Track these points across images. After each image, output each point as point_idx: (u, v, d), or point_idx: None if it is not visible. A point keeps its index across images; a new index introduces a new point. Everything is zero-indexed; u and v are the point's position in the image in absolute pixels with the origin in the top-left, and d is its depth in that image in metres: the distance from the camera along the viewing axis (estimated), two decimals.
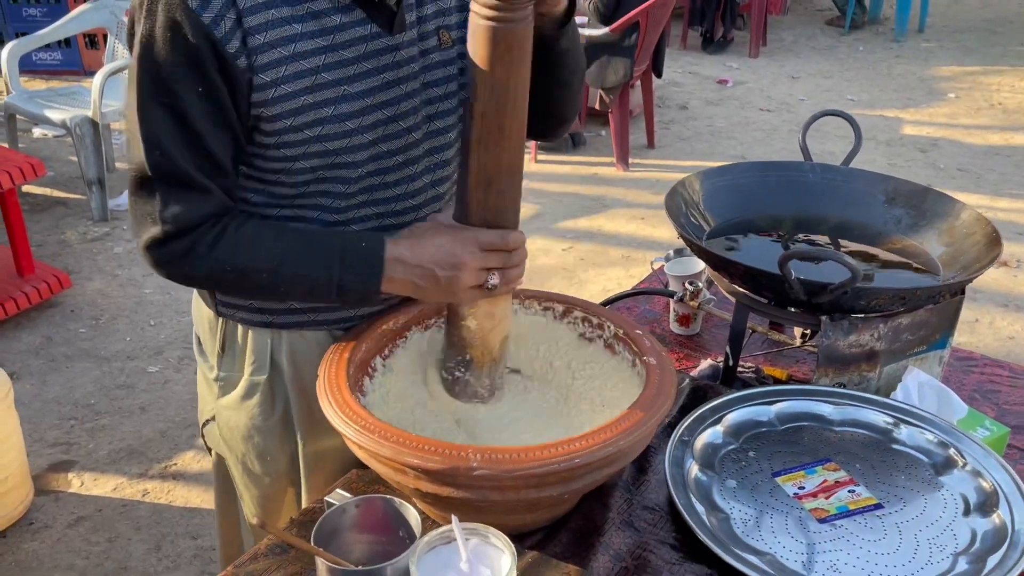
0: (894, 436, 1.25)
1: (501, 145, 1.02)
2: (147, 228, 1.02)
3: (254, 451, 1.23)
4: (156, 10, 0.94)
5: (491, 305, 1.11)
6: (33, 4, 5.87)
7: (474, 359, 1.14)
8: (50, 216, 4.00)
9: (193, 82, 0.96)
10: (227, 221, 1.04)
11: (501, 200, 1.06)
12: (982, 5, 8.19)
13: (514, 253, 1.07)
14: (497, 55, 0.96)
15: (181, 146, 0.98)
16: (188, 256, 1.02)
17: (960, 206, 1.49)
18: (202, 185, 1.00)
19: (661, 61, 4.71)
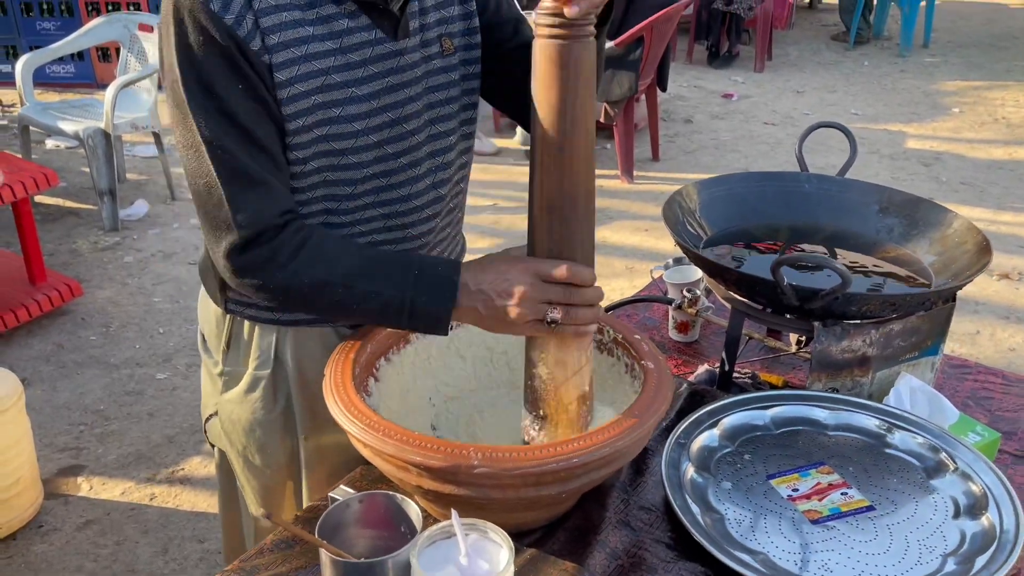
0: (887, 440, 1.27)
1: (563, 169, 0.99)
2: (224, 236, 1.03)
3: (255, 444, 1.27)
4: (183, 20, 0.98)
5: (561, 351, 1.05)
6: (47, 17, 5.96)
7: (548, 417, 1.08)
8: (62, 226, 4.05)
9: (232, 80, 0.99)
10: (307, 233, 1.05)
11: (566, 229, 1.02)
12: (987, 21, 8.23)
13: (582, 290, 1.02)
14: (565, 74, 0.95)
15: (236, 143, 1.00)
16: (269, 264, 1.03)
17: (952, 215, 1.52)
18: (263, 180, 1.02)
19: (666, 75, 4.76)
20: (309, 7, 1.03)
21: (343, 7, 1.05)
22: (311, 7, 1.03)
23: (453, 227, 1.30)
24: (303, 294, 1.06)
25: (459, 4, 1.20)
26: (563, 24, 0.93)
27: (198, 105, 1.00)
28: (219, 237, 1.04)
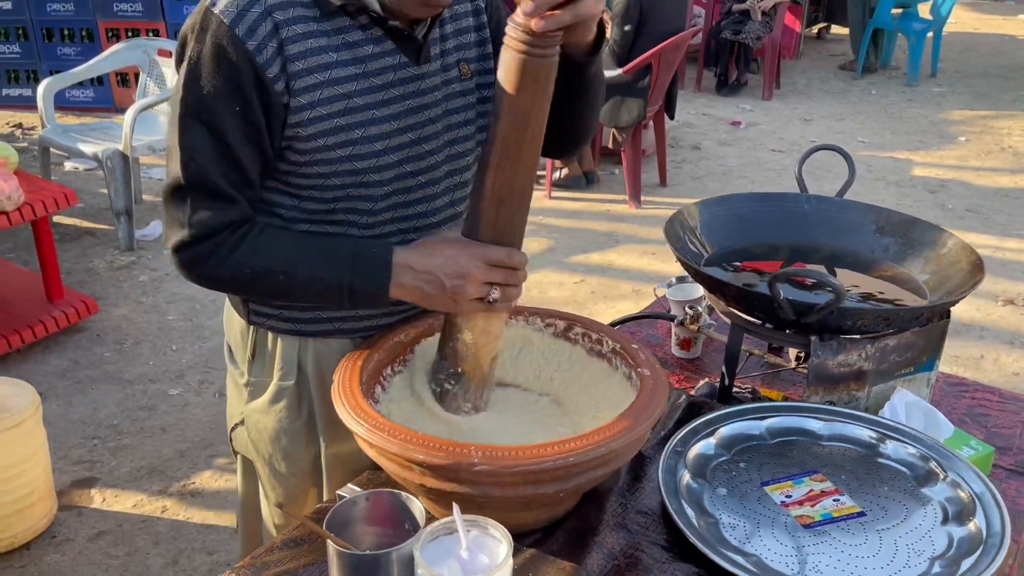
0: (879, 450, 1.31)
1: (516, 169, 1.09)
2: (176, 232, 1.11)
3: (280, 452, 1.31)
4: (206, 36, 1.05)
5: (487, 321, 1.17)
6: (67, 43, 6.10)
7: (465, 373, 1.19)
8: (79, 245, 4.13)
9: (232, 102, 1.06)
10: (247, 228, 1.13)
11: (510, 220, 1.13)
12: (995, 52, 8.30)
13: (516, 272, 1.14)
14: (524, 85, 1.03)
15: (215, 159, 1.08)
16: (211, 258, 1.11)
17: (946, 235, 1.56)
18: (229, 196, 1.10)
19: (673, 103, 4.83)
20: (336, 33, 1.09)
21: (369, 33, 1.11)
22: (337, 33, 1.10)
23: None
24: (246, 283, 1.15)
25: (475, 31, 1.26)
26: (530, 41, 1.00)
27: (192, 114, 1.07)
28: (171, 233, 1.12)
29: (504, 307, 1.16)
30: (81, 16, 6.00)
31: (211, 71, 1.05)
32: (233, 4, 1.06)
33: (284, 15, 1.07)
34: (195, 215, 1.10)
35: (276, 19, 1.06)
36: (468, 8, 1.24)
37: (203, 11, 1.07)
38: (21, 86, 6.22)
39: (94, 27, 6.01)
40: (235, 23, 1.05)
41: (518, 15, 1.01)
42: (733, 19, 6.72)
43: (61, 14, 6.01)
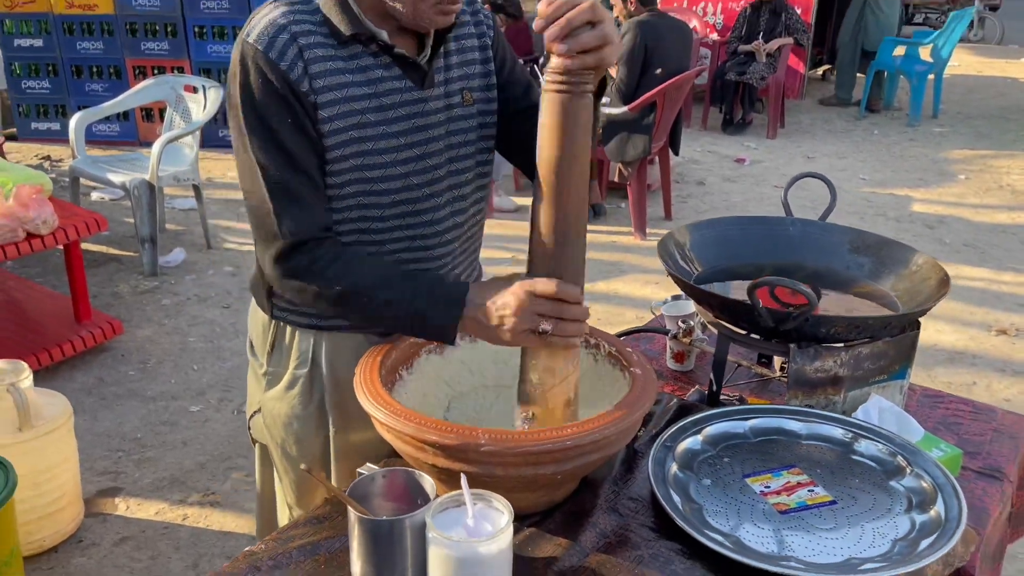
0: (853, 448, 1.42)
1: (563, 205, 1.16)
2: (272, 244, 1.24)
3: (292, 437, 1.44)
4: (247, 65, 1.21)
5: (551, 360, 1.21)
6: (96, 80, 6.34)
7: (536, 417, 1.24)
8: (105, 271, 4.30)
9: (284, 115, 1.21)
10: (342, 247, 1.26)
11: (562, 255, 1.18)
12: (998, 94, 8.47)
13: (570, 306, 1.17)
14: (566, 121, 1.13)
15: (287, 169, 1.22)
16: (308, 270, 1.24)
17: (917, 254, 1.68)
18: (308, 200, 1.24)
19: (678, 139, 5.00)
20: (351, 59, 1.25)
21: (379, 60, 1.27)
22: (352, 59, 1.25)
23: (471, 253, 1.49)
24: (334, 298, 1.25)
25: (480, 64, 1.41)
26: (565, 80, 1.13)
27: (255, 135, 1.22)
28: (268, 245, 1.25)
29: (561, 342, 1.18)
30: (110, 54, 6.25)
31: (261, 92, 1.21)
32: (264, 33, 1.22)
33: (307, 41, 1.23)
34: (284, 224, 1.23)
35: (300, 44, 1.22)
36: (475, 44, 1.39)
37: (240, 43, 1.24)
38: (50, 120, 6.46)
39: (122, 64, 6.25)
40: (268, 48, 1.21)
41: (552, 62, 1.13)
42: (737, 60, 6.92)
43: (91, 52, 6.26)
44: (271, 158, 1.22)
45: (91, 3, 6.12)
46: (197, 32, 6.11)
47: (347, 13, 1.24)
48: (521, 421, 1.27)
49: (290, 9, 1.24)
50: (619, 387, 1.35)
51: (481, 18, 1.41)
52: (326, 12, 1.24)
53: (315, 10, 1.25)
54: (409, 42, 1.31)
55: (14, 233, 3.05)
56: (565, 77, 1.12)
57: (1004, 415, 1.71)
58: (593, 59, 1.11)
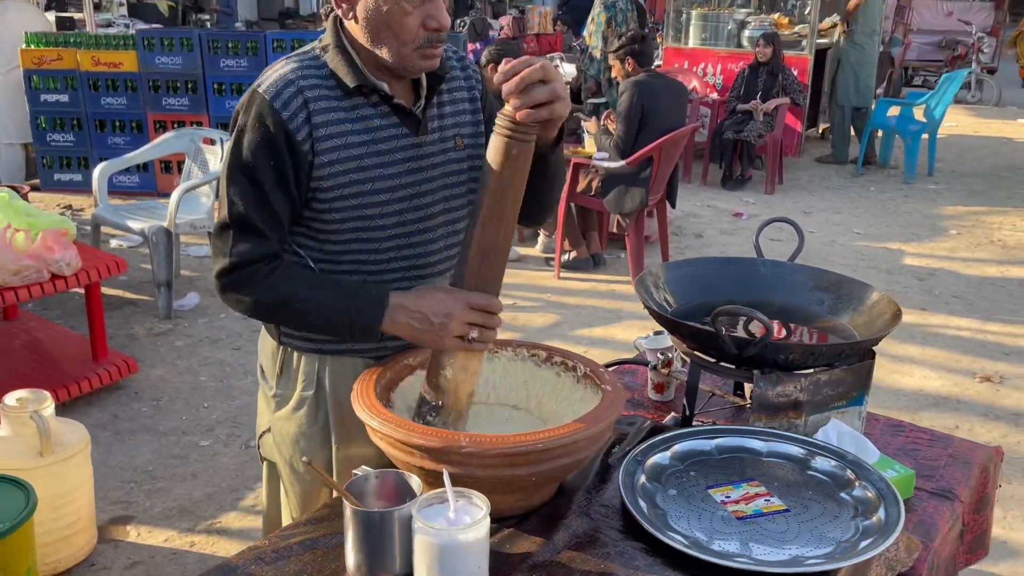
0: (809, 464, 1.55)
1: (498, 229, 1.35)
2: (220, 261, 1.42)
3: (299, 454, 1.58)
4: (252, 108, 1.39)
5: (467, 359, 1.39)
6: (118, 133, 6.61)
7: (444, 406, 1.41)
8: (121, 313, 4.47)
9: (268, 158, 1.38)
10: (277, 263, 1.43)
11: (491, 271, 1.38)
12: (992, 153, 8.68)
13: (494, 317, 1.37)
14: (507, 162, 1.31)
15: (253, 202, 1.39)
16: (247, 284, 1.41)
17: (872, 290, 1.83)
18: (263, 232, 1.41)
19: (675, 193, 5.19)
20: (352, 109, 1.43)
21: (378, 109, 1.44)
22: (353, 109, 1.43)
23: None
24: (271, 305, 1.43)
25: (470, 114, 1.58)
26: (514, 128, 1.31)
27: (239, 169, 1.40)
28: (217, 260, 1.43)
29: (481, 347, 1.39)
30: (132, 109, 6.52)
31: (253, 134, 1.39)
32: (274, 84, 1.40)
33: (313, 93, 1.41)
34: (236, 247, 1.40)
35: (306, 96, 1.40)
36: (465, 96, 1.57)
37: (252, 90, 1.42)
38: (72, 171, 6.71)
39: (143, 119, 6.52)
40: (274, 98, 1.39)
41: (507, 108, 1.31)
42: (736, 119, 7.15)
43: (114, 107, 6.54)
44: (245, 192, 1.40)
45: (117, 61, 6.42)
46: (216, 88, 6.39)
47: (352, 67, 1.42)
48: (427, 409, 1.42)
49: (300, 65, 1.42)
50: (591, 402, 1.49)
51: (471, 73, 1.59)
52: (333, 67, 1.43)
53: (322, 65, 1.43)
54: (407, 93, 1.48)
55: (39, 274, 3.23)
56: (514, 126, 1.31)
57: (960, 443, 1.83)
58: (546, 112, 1.28)
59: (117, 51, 6.45)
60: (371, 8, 1.38)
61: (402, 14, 1.37)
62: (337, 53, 1.44)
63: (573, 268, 5.16)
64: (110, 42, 6.58)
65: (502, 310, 1.40)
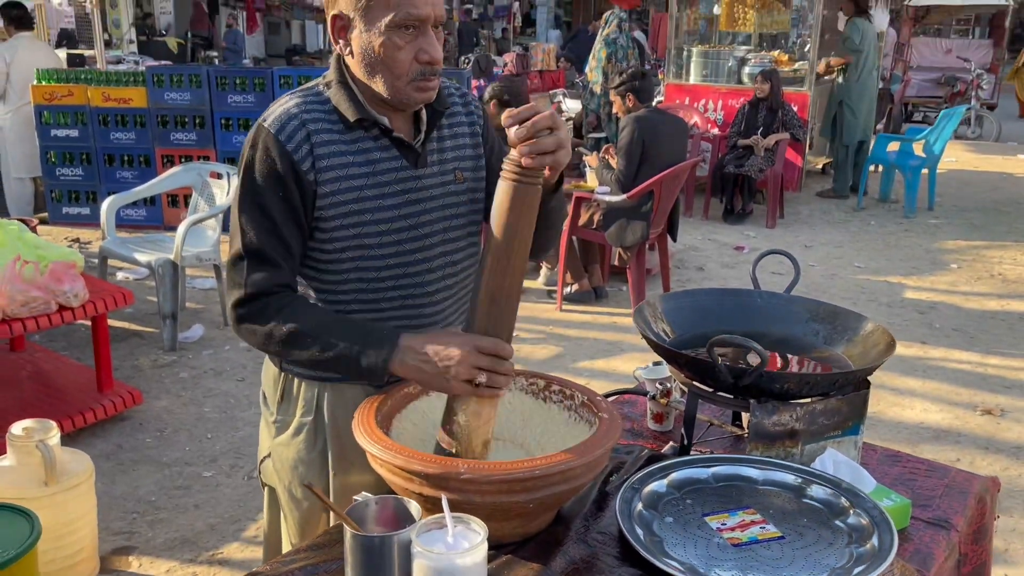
0: (805, 492, 1.56)
1: (506, 273, 1.35)
2: (235, 291, 1.45)
3: (298, 479, 1.60)
4: (258, 144, 1.44)
5: (479, 405, 1.38)
6: (126, 167, 6.70)
7: (458, 454, 1.39)
8: (127, 345, 4.51)
9: (276, 189, 1.43)
10: (290, 296, 1.46)
11: (501, 316, 1.38)
12: (992, 188, 8.73)
13: (503, 361, 1.35)
14: (514, 206, 1.33)
15: (265, 233, 1.43)
16: (261, 314, 1.44)
17: (866, 321, 1.86)
18: (276, 262, 1.44)
19: (676, 226, 5.24)
20: (353, 142, 1.47)
21: (379, 143, 1.49)
22: (354, 143, 1.47)
23: (461, 314, 1.68)
24: (281, 339, 1.44)
25: (471, 148, 1.63)
26: (520, 173, 1.34)
27: (247, 200, 1.45)
28: (232, 292, 1.46)
29: (492, 392, 1.36)
30: (141, 144, 6.62)
31: (261, 167, 1.43)
32: (278, 119, 1.45)
33: (315, 127, 1.46)
34: (250, 277, 1.44)
35: (309, 129, 1.45)
36: (466, 131, 1.61)
37: (258, 125, 1.47)
38: (80, 205, 6.80)
39: (151, 153, 6.62)
40: (279, 132, 1.44)
41: (513, 154, 1.34)
42: (736, 154, 7.23)
43: (123, 142, 6.64)
44: (256, 223, 1.44)
45: (126, 97, 6.53)
46: (224, 124, 6.49)
47: (353, 102, 1.47)
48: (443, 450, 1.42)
49: (303, 100, 1.47)
50: (588, 430, 1.51)
51: (472, 108, 1.63)
52: (335, 102, 1.47)
53: (326, 100, 1.48)
54: (407, 127, 1.53)
55: (47, 305, 3.27)
56: (521, 170, 1.34)
57: (956, 473, 1.84)
58: (550, 159, 1.32)
59: (127, 87, 6.56)
60: (365, 44, 1.43)
61: (394, 48, 1.41)
62: (340, 88, 1.49)
63: (575, 301, 5.20)
64: (120, 78, 6.70)
65: (512, 355, 1.37)
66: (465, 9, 19.97)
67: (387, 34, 1.41)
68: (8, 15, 6.64)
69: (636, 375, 2.26)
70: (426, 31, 1.42)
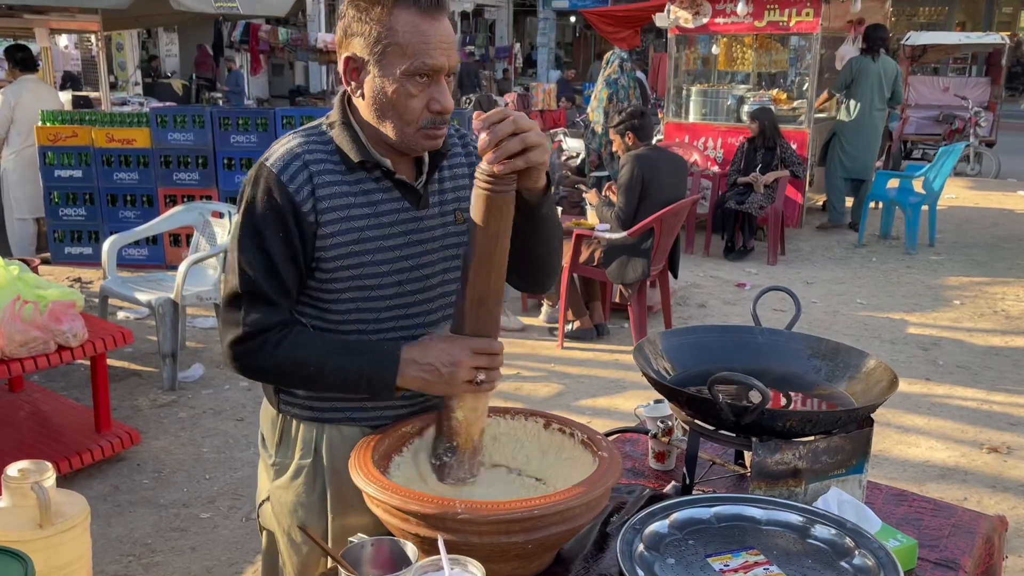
0: (809, 532, 1.54)
1: (489, 276, 1.41)
2: (232, 331, 1.44)
3: (297, 523, 1.57)
4: (259, 182, 1.44)
5: (475, 400, 1.45)
6: (129, 207, 6.73)
7: (459, 446, 1.46)
8: (126, 385, 4.49)
9: (276, 229, 1.42)
10: (288, 329, 1.45)
11: (488, 317, 1.44)
12: (993, 224, 8.74)
13: (497, 357, 1.43)
14: (490, 213, 1.38)
15: (263, 272, 1.42)
16: (260, 351, 1.43)
17: (869, 357, 1.84)
18: (274, 301, 1.44)
19: (676, 263, 5.24)
20: (355, 183, 1.47)
21: (381, 184, 1.49)
22: (356, 183, 1.47)
23: None
24: (286, 371, 1.44)
25: (470, 188, 1.62)
26: (492, 181, 1.36)
27: (246, 238, 1.44)
28: (228, 331, 1.45)
29: (489, 387, 1.45)
30: (144, 184, 6.66)
31: (263, 206, 1.43)
32: (280, 158, 1.45)
33: (317, 168, 1.46)
34: (248, 316, 1.43)
35: (311, 170, 1.45)
36: (466, 171, 1.61)
37: (259, 164, 1.47)
38: (82, 245, 6.82)
39: (154, 193, 6.66)
40: (281, 172, 1.43)
41: (484, 163, 1.36)
42: (736, 191, 7.26)
43: (126, 182, 6.68)
44: (255, 261, 1.43)
45: (130, 138, 6.58)
46: (226, 163, 6.53)
47: (356, 143, 1.47)
48: (443, 451, 1.47)
49: (306, 140, 1.47)
50: (588, 468, 1.49)
51: (471, 148, 1.64)
52: (338, 143, 1.48)
53: (328, 141, 1.48)
54: (409, 169, 1.53)
55: (46, 345, 3.26)
56: (491, 179, 1.37)
57: (963, 512, 1.81)
58: (521, 161, 1.33)
59: (131, 128, 6.62)
60: (378, 88, 1.43)
61: (407, 96, 1.42)
62: (343, 129, 1.49)
63: (577, 338, 5.18)
64: (124, 119, 6.76)
65: (503, 350, 1.45)
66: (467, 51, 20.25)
67: (401, 81, 1.41)
68: (13, 57, 6.73)
69: (637, 413, 2.24)
70: (439, 80, 1.43)
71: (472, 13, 24.47)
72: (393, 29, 1.39)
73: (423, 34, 1.40)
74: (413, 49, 1.40)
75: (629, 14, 12.04)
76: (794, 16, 7.83)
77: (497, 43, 24.97)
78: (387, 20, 1.39)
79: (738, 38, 8.96)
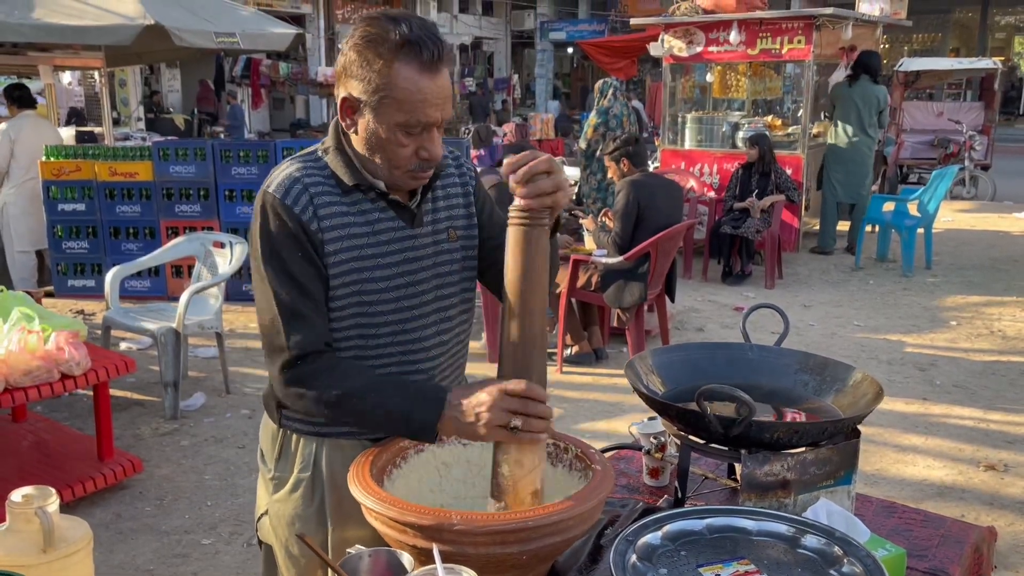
0: (799, 542, 1.57)
1: (525, 316, 1.39)
2: (279, 355, 1.47)
3: (295, 535, 1.61)
4: (266, 210, 1.49)
5: (520, 453, 1.39)
6: (132, 240, 6.80)
7: (508, 506, 1.40)
8: (128, 414, 4.52)
9: (294, 250, 1.47)
10: (337, 358, 1.48)
11: (527, 359, 1.39)
12: (989, 246, 8.80)
13: (537, 404, 1.35)
14: (527, 248, 1.38)
15: (295, 292, 1.47)
16: (310, 378, 1.46)
17: (855, 371, 1.88)
18: (312, 319, 1.47)
19: (673, 287, 5.28)
20: (352, 204, 1.53)
21: (376, 204, 1.54)
22: (353, 204, 1.53)
23: (455, 368, 1.71)
24: (331, 401, 1.46)
25: (463, 207, 1.68)
26: (527, 216, 1.39)
27: (270, 266, 1.48)
28: (275, 357, 1.48)
29: (529, 437, 1.36)
30: (146, 216, 6.73)
31: (276, 231, 1.48)
32: (281, 184, 1.51)
33: (316, 190, 1.51)
34: (292, 338, 1.47)
35: (311, 192, 1.50)
36: (459, 191, 1.67)
37: (262, 193, 1.53)
38: (86, 278, 6.88)
39: (156, 225, 6.73)
40: (284, 196, 1.49)
41: (516, 202, 1.39)
42: (732, 216, 7.32)
43: (129, 215, 6.75)
44: (283, 285, 1.47)
45: (133, 171, 6.67)
46: (227, 195, 6.61)
47: (350, 168, 1.53)
48: (494, 510, 1.44)
49: (303, 165, 1.53)
50: (581, 481, 1.53)
51: (465, 170, 1.70)
52: (333, 167, 1.53)
53: (324, 166, 1.54)
54: (402, 190, 1.59)
55: (50, 374, 3.30)
56: (526, 214, 1.39)
57: (952, 523, 1.84)
58: (550, 200, 1.37)
59: (133, 161, 6.71)
60: (371, 131, 1.49)
61: (398, 145, 1.48)
62: (337, 155, 1.55)
63: (575, 362, 5.22)
64: (127, 153, 6.86)
65: (545, 396, 1.37)
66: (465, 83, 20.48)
67: (394, 131, 1.46)
68: (11, 95, 6.85)
69: (631, 430, 2.27)
70: (431, 131, 1.49)
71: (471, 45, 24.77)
72: (392, 84, 1.43)
73: (421, 92, 1.43)
74: (410, 106, 1.44)
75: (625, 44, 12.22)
76: (786, 44, 7.95)
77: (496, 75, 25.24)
78: (387, 73, 1.43)
79: (732, 66, 9.08)
